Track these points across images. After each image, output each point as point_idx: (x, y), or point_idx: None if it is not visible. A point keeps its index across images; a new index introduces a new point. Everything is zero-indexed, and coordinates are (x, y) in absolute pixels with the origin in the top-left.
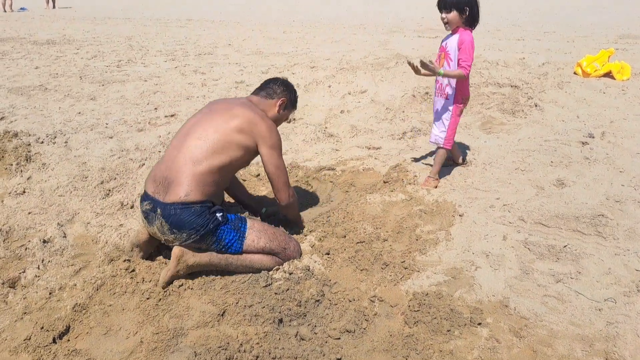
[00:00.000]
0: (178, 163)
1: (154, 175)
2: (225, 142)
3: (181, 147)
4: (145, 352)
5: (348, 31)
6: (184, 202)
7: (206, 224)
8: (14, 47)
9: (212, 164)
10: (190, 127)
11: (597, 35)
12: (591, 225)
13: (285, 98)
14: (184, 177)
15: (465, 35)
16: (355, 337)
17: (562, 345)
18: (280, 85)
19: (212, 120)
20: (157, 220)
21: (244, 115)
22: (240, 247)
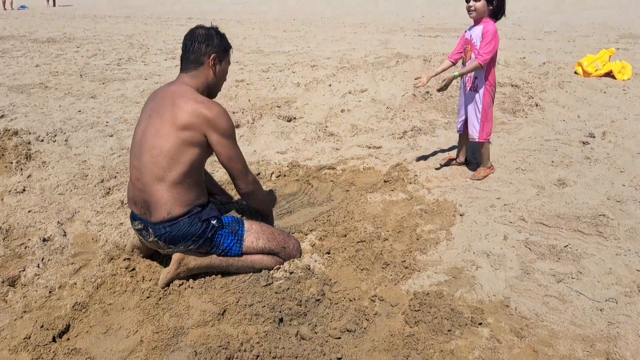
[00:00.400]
0: (145, 184)
1: (132, 198)
2: (178, 148)
3: (140, 167)
4: (145, 351)
5: (348, 30)
6: (170, 219)
7: (201, 232)
8: (14, 45)
9: (175, 175)
10: (140, 138)
11: (598, 35)
12: (592, 225)
13: (213, 53)
14: (157, 197)
15: (489, 26)
16: (356, 337)
17: (563, 346)
18: (202, 42)
19: (157, 125)
20: (151, 238)
21: (186, 109)
22: (240, 250)
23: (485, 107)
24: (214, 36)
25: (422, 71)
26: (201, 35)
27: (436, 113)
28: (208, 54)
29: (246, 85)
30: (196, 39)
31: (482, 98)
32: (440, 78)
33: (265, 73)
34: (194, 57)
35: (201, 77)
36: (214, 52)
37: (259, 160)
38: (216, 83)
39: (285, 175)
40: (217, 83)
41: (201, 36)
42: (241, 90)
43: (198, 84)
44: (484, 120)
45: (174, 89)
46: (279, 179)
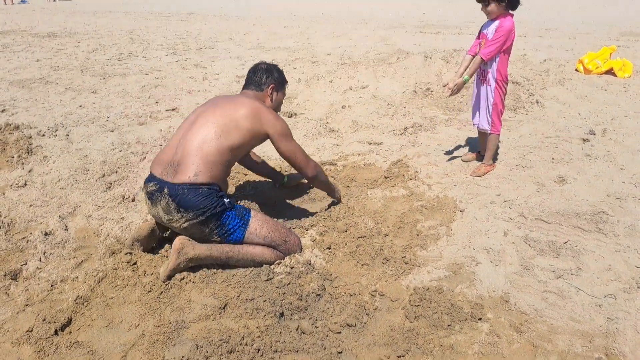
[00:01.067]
0: (187, 145)
1: (160, 159)
2: (234, 126)
3: (189, 132)
4: (147, 345)
5: (349, 26)
6: (193, 183)
7: (213, 206)
8: (15, 39)
9: (222, 143)
10: (197, 115)
11: (599, 32)
12: (592, 222)
13: (272, 83)
14: (193, 158)
15: (505, 22)
16: (356, 332)
17: (562, 341)
18: (263, 73)
19: (218, 109)
20: (163, 200)
21: (250, 105)
22: (243, 234)
23: (497, 101)
24: (274, 70)
25: (423, 68)
26: (263, 69)
27: (437, 110)
28: (267, 83)
29: None
30: (258, 70)
31: (493, 92)
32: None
33: None
34: (255, 83)
35: (261, 98)
36: (273, 82)
37: (261, 155)
38: (273, 108)
39: (286, 171)
40: (274, 109)
41: (263, 69)
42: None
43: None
44: (496, 114)
45: (238, 94)
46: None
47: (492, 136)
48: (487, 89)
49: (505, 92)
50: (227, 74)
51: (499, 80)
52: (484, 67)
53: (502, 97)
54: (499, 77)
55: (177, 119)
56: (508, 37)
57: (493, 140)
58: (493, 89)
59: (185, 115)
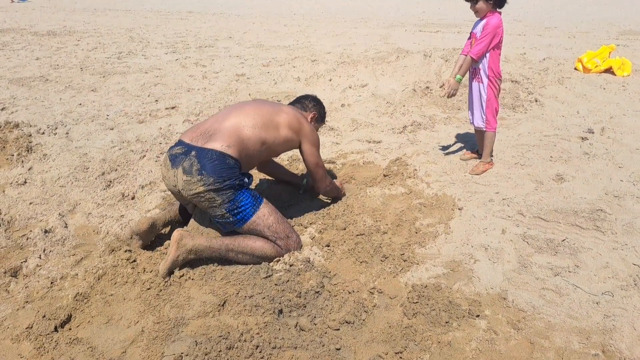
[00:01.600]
0: (226, 122)
1: (194, 128)
2: (273, 125)
3: (229, 114)
4: (147, 341)
5: (349, 25)
6: (222, 152)
7: (234, 177)
8: (15, 38)
9: (258, 134)
10: (237, 106)
11: (598, 31)
12: (590, 220)
13: (316, 112)
14: (229, 132)
15: (491, 20)
16: (355, 328)
17: (559, 338)
18: (312, 100)
19: (261, 108)
20: (188, 161)
21: (291, 113)
22: (252, 215)
23: (490, 98)
24: (321, 104)
25: (422, 66)
26: (312, 98)
27: (436, 108)
28: (312, 109)
29: (247, 79)
30: (308, 97)
31: (486, 89)
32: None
33: (265, 67)
34: (302, 104)
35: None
36: (316, 111)
37: None
38: None
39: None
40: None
41: (312, 98)
42: (241, 84)
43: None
44: (489, 111)
45: (282, 103)
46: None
47: (488, 134)
48: (480, 86)
49: (498, 88)
50: (227, 72)
51: (490, 77)
52: (474, 65)
53: (495, 93)
54: (491, 74)
55: (176, 117)
56: (495, 33)
57: (489, 138)
58: (485, 86)
59: (185, 113)
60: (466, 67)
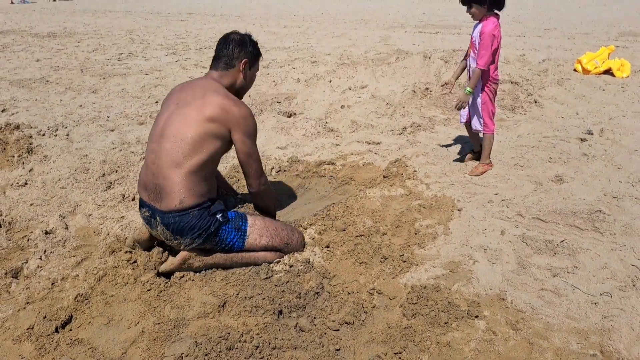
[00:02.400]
0: (162, 169)
1: (143, 183)
2: (201, 137)
3: (160, 151)
4: (147, 342)
5: (349, 26)
6: (181, 209)
7: (207, 226)
8: (15, 39)
9: (194, 163)
10: (164, 125)
11: (598, 33)
12: (588, 221)
13: (245, 58)
14: (172, 184)
15: (486, 26)
16: (354, 329)
17: (558, 338)
18: (235, 47)
19: (183, 114)
20: (159, 227)
21: (215, 103)
22: (243, 245)
23: (486, 100)
24: (248, 42)
25: (422, 67)
26: (235, 40)
27: (436, 109)
28: (240, 58)
29: None
30: (230, 42)
31: (481, 92)
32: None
33: (265, 69)
34: (225, 59)
35: (230, 79)
36: (246, 57)
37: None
38: (244, 87)
39: (285, 171)
40: (244, 87)
41: (235, 41)
42: None
43: (227, 83)
44: (486, 114)
45: (204, 82)
46: (279, 174)
47: (487, 136)
48: (477, 89)
49: (494, 91)
50: None
51: (484, 82)
52: (471, 70)
53: (491, 96)
54: (485, 79)
55: None
56: (493, 39)
57: (488, 140)
58: (480, 90)
59: None
60: (476, 79)
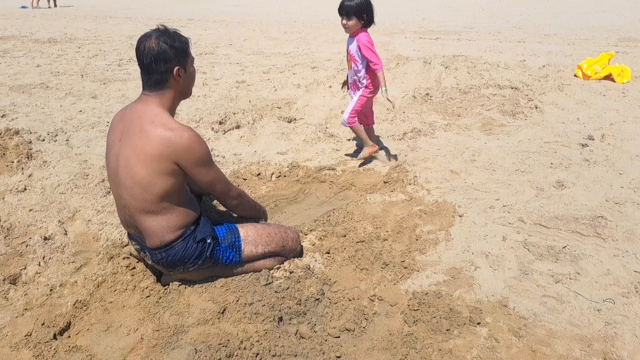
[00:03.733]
0: (133, 216)
1: (123, 221)
2: (152, 177)
3: (123, 200)
4: (146, 349)
5: None
6: (166, 246)
7: (199, 254)
8: (15, 45)
9: (154, 205)
10: (116, 171)
11: (598, 38)
12: (590, 227)
13: (176, 67)
14: (147, 227)
15: (361, 40)
16: (355, 336)
17: (561, 345)
18: (159, 60)
19: (127, 155)
20: (150, 261)
21: (154, 138)
22: (240, 259)
23: (359, 101)
24: (168, 48)
25: (422, 73)
26: (154, 51)
27: (436, 115)
28: (170, 70)
29: (247, 86)
30: (152, 58)
31: (359, 96)
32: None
33: (265, 74)
34: (155, 78)
35: (170, 93)
36: (175, 65)
37: (260, 160)
38: (186, 87)
39: (286, 176)
40: (187, 87)
41: (154, 52)
42: (242, 91)
43: (168, 101)
44: (353, 111)
45: (142, 109)
46: (279, 179)
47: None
48: (357, 92)
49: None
50: (227, 79)
51: (365, 89)
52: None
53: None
54: (367, 85)
55: None
56: (372, 44)
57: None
58: (359, 94)
59: (185, 120)
60: (383, 79)
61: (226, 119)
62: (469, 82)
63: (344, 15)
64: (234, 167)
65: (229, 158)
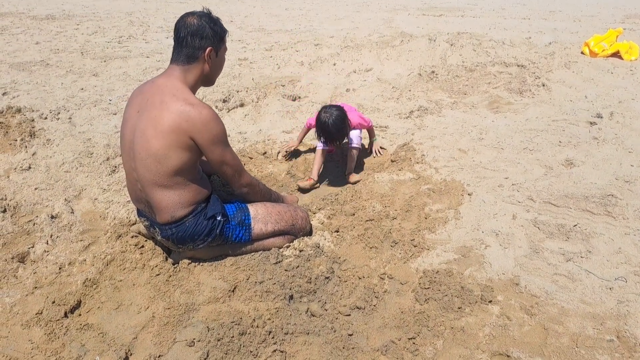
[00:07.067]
0: (145, 189)
1: (135, 197)
2: (167, 150)
3: (137, 172)
4: (158, 327)
5: (351, 9)
6: (176, 222)
7: (209, 230)
8: (13, 22)
9: (171, 177)
10: (131, 138)
11: (604, 15)
12: (601, 205)
13: (209, 46)
14: (157, 200)
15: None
16: (366, 314)
17: (573, 323)
18: (195, 35)
19: (143, 126)
20: (159, 236)
21: (173, 111)
22: (250, 238)
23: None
24: (207, 27)
25: (427, 50)
26: (193, 26)
27: (442, 93)
28: (203, 47)
29: (249, 63)
30: (189, 31)
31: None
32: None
33: (268, 52)
34: (187, 52)
35: (196, 71)
36: (209, 45)
37: (265, 139)
38: (213, 73)
39: (292, 155)
40: (214, 73)
41: (194, 28)
42: (244, 68)
43: (192, 79)
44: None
45: (164, 82)
46: (285, 158)
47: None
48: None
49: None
50: (229, 56)
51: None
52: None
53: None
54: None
55: None
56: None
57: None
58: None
59: None
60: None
61: (230, 97)
62: (474, 59)
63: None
64: (240, 146)
65: (234, 137)
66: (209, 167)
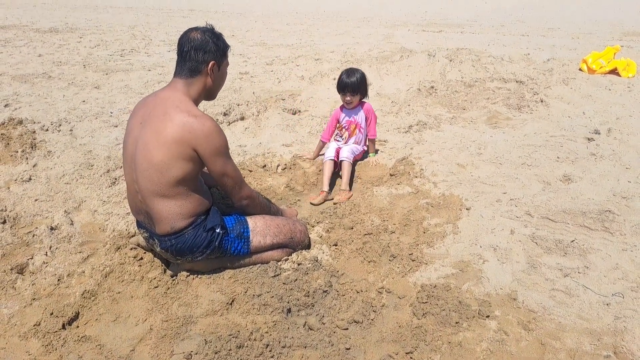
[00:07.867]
0: (146, 199)
1: (134, 208)
2: (169, 161)
3: (138, 182)
4: (155, 339)
5: (351, 24)
6: (176, 234)
7: (208, 243)
8: (17, 34)
9: (169, 189)
10: (134, 150)
11: (602, 32)
12: (598, 221)
13: (212, 61)
14: (157, 211)
15: (371, 110)
16: (363, 328)
17: (571, 339)
18: (198, 49)
19: (147, 137)
20: (158, 248)
21: (177, 122)
22: (248, 250)
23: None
24: (210, 41)
25: (427, 66)
26: (197, 41)
27: (441, 108)
28: (206, 61)
29: (250, 77)
30: (192, 45)
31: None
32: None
33: (269, 66)
34: (190, 65)
35: (199, 85)
36: (212, 59)
37: (265, 152)
38: (215, 87)
39: (291, 168)
40: (216, 87)
41: (197, 42)
42: (245, 82)
43: (195, 92)
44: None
45: (167, 95)
46: (284, 171)
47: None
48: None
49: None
50: (230, 70)
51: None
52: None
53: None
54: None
55: None
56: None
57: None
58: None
59: None
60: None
61: (230, 110)
62: (473, 75)
63: (348, 92)
64: (239, 159)
65: (234, 150)
66: (211, 180)
